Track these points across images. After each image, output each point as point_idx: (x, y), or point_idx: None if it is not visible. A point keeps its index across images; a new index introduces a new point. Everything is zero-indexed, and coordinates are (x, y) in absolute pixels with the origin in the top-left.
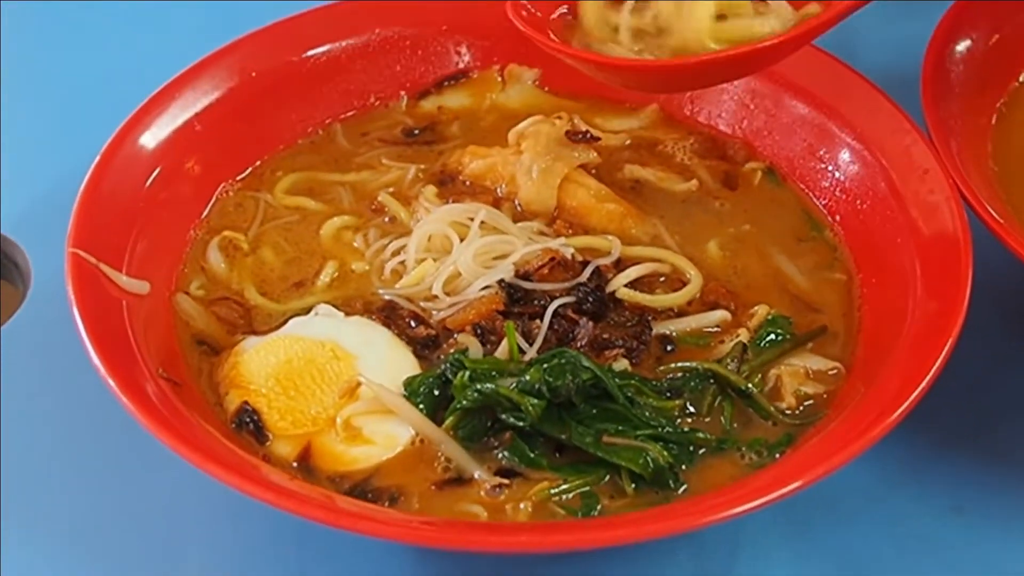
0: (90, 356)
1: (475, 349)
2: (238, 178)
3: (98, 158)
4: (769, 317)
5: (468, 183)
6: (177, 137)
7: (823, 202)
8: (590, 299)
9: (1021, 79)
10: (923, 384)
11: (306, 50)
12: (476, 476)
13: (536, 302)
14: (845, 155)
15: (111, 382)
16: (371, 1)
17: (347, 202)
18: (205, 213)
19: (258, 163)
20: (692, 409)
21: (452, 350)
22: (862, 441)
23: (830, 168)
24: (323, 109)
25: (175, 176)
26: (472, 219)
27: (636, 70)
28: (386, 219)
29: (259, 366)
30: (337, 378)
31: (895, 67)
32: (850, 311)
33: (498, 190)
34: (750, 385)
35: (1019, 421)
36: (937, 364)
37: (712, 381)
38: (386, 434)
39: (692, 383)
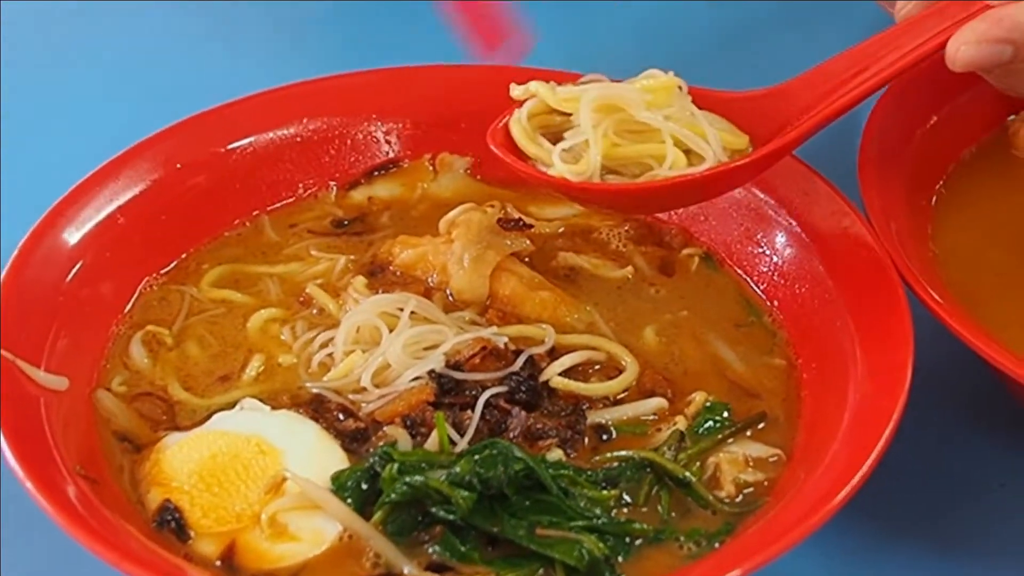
0: (5, 456)
1: (404, 441)
2: (162, 272)
3: (16, 252)
4: (707, 404)
5: (399, 273)
6: (99, 231)
7: (761, 287)
8: (523, 388)
9: (960, 159)
10: (864, 468)
11: (232, 141)
12: (406, 572)
13: (468, 392)
14: (782, 239)
15: (28, 483)
16: (298, 90)
17: (275, 294)
18: (128, 308)
19: (183, 256)
20: (628, 499)
21: (381, 443)
22: (803, 527)
23: (767, 252)
24: (250, 200)
25: (97, 271)
26: (402, 309)
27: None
28: (314, 311)
29: (182, 462)
30: (263, 473)
31: (831, 150)
32: (790, 397)
33: (429, 280)
34: (688, 473)
35: (967, 506)
36: (878, 448)
37: (649, 470)
38: (313, 530)
39: (628, 472)
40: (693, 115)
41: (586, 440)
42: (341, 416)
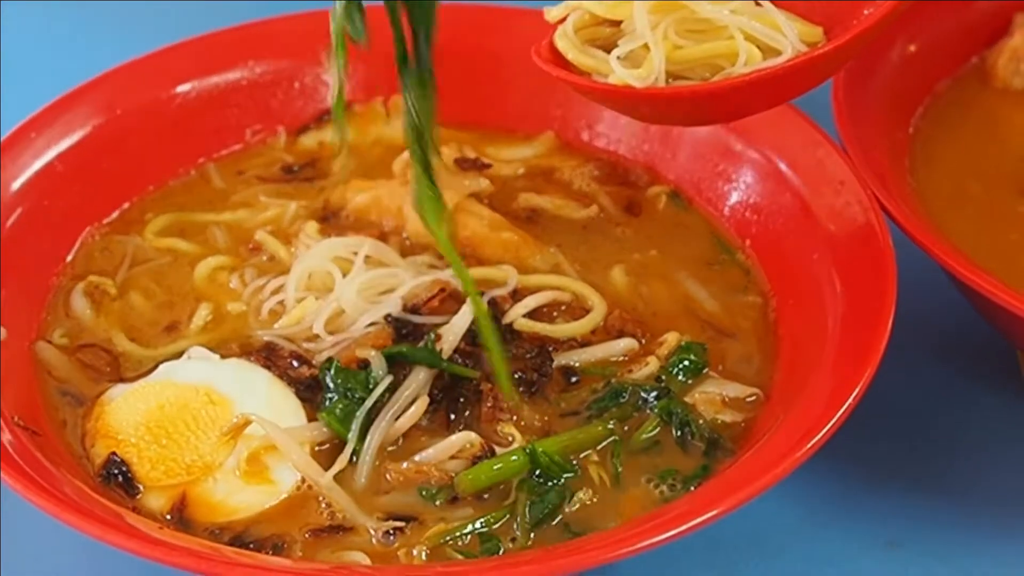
0: None
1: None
2: (104, 221)
3: None
4: (681, 344)
5: (352, 218)
6: (37, 179)
7: (733, 223)
8: None
9: (936, 91)
10: (844, 407)
11: (176, 85)
12: (364, 524)
13: (427, 337)
14: (753, 173)
15: None
16: (244, 32)
17: (222, 242)
18: (69, 258)
19: (126, 205)
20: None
21: None
22: (781, 467)
23: (738, 188)
24: (196, 147)
25: (35, 220)
26: (356, 253)
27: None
28: (264, 258)
29: (128, 414)
30: (213, 424)
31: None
32: (766, 335)
33: (384, 224)
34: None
35: (952, 449)
36: (859, 386)
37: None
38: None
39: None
40: (761, 6)
41: (553, 383)
42: (295, 363)
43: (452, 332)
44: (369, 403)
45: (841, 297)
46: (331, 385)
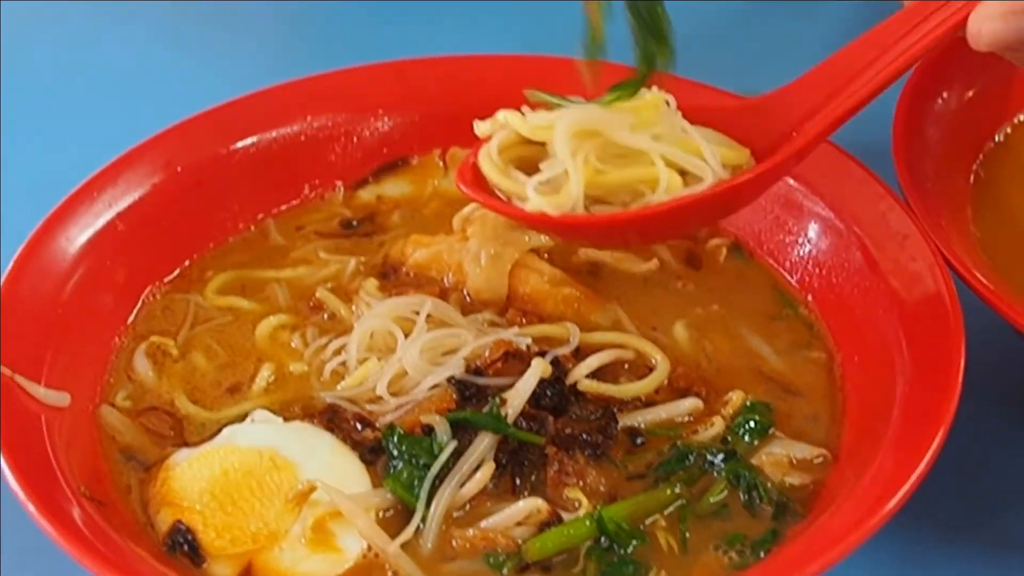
0: (6, 477)
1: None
2: (165, 280)
3: (12, 263)
4: (746, 404)
5: (412, 274)
6: (98, 239)
7: (795, 277)
8: (549, 392)
9: (997, 138)
10: (919, 469)
11: (234, 141)
12: None
13: (491, 398)
14: (816, 226)
15: (30, 506)
16: (300, 87)
17: (283, 300)
18: (131, 319)
19: (186, 263)
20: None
21: None
22: (857, 534)
23: (800, 241)
24: (254, 203)
25: (97, 280)
26: (417, 313)
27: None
28: (325, 316)
29: (192, 480)
30: (278, 489)
31: (862, 133)
32: (832, 392)
33: (445, 280)
34: (749, 464)
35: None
36: (933, 448)
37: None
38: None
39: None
40: (685, 131)
41: (618, 445)
42: (358, 426)
43: (517, 396)
44: (435, 470)
45: (908, 354)
46: (395, 452)
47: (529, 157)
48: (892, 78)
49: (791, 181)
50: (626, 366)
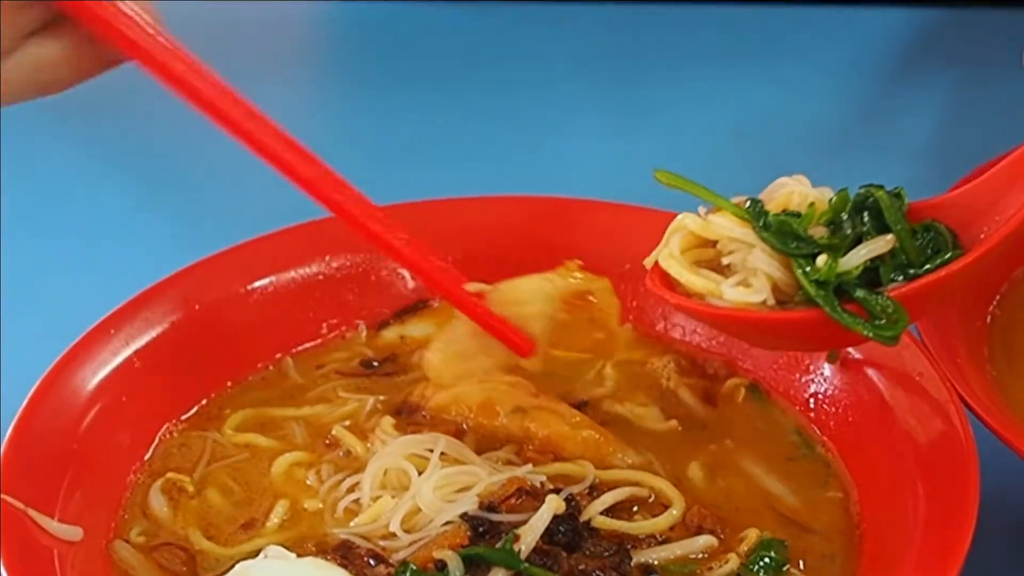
0: None
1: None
2: (183, 417)
3: (29, 397)
4: (762, 540)
5: (430, 416)
6: (115, 375)
7: (812, 415)
8: (562, 529)
9: (1013, 278)
10: None
11: (253, 280)
12: None
13: (504, 535)
14: (830, 365)
15: None
16: (319, 227)
17: (300, 437)
18: (147, 456)
19: (204, 401)
20: None
21: None
22: None
23: (816, 379)
24: (273, 343)
25: (113, 417)
26: (431, 450)
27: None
28: (341, 453)
29: None
30: None
31: None
32: (849, 530)
33: (461, 421)
34: None
35: None
36: None
37: None
38: None
39: None
40: None
41: None
42: (371, 562)
43: (531, 532)
44: None
45: (923, 494)
46: None
47: (704, 260)
48: None
49: None
50: (638, 505)
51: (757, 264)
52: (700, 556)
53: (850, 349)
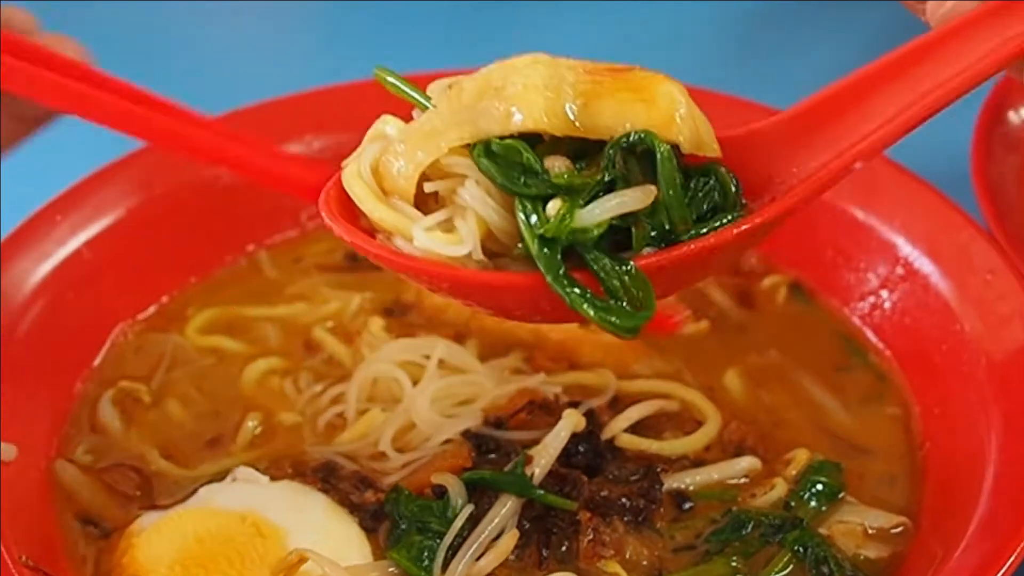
0: None
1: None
2: (139, 317)
3: None
4: (812, 464)
5: (424, 317)
6: (61, 269)
7: (864, 321)
8: (581, 449)
9: None
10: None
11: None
12: None
13: (514, 456)
14: (886, 261)
15: None
16: (299, 101)
17: (275, 341)
18: (96, 361)
19: (164, 299)
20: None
21: None
22: None
23: (869, 278)
24: (245, 233)
25: (57, 317)
26: (428, 357)
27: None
28: (322, 359)
29: (161, 549)
30: (262, 561)
31: (935, 165)
32: (910, 452)
33: (461, 324)
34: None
35: None
36: None
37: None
38: None
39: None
40: None
41: (663, 511)
42: (358, 487)
43: (545, 453)
44: (448, 539)
45: (997, 408)
46: (401, 518)
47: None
48: (917, 122)
49: (856, 210)
50: (670, 419)
51: (468, 201)
52: (741, 481)
53: (906, 248)
